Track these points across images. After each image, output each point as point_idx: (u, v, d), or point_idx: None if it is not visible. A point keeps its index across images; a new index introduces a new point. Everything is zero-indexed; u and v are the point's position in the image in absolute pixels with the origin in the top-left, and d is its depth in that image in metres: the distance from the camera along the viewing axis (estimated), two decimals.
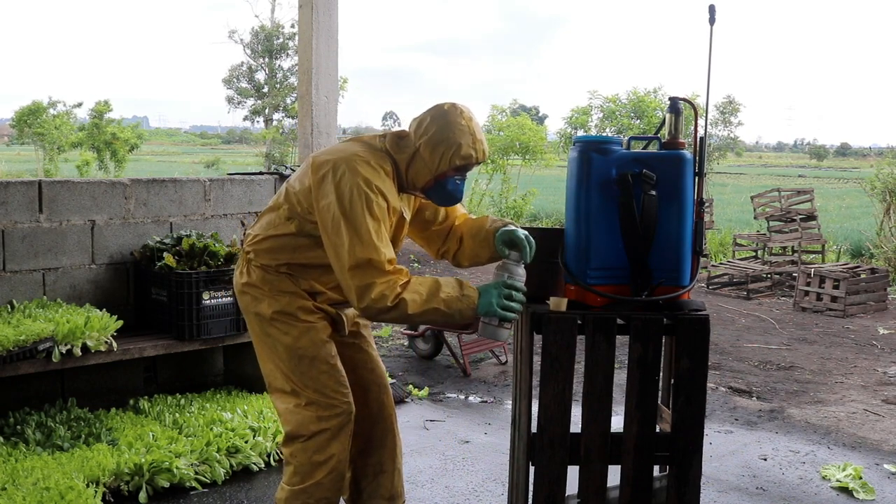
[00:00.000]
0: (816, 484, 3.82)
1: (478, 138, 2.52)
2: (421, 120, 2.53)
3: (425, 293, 2.39)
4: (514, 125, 16.41)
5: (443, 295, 2.40)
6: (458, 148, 2.48)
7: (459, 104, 2.54)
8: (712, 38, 2.51)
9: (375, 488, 2.87)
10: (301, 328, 2.59)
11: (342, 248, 2.39)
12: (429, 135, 2.49)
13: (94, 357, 3.71)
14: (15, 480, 3.19)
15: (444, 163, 2.49)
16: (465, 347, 5.60)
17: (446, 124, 2.48)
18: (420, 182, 2.56)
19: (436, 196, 2.60)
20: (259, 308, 2.61)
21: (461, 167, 2.53)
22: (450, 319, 2.42)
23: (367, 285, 2.37)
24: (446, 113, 2.50)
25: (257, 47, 34.25)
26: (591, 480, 2.43)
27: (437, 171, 2.51)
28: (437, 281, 2.44)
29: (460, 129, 2.48)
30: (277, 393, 2.66)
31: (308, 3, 4.55)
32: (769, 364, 6.11)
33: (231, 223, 4.66)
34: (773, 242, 9.89)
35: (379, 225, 2.42)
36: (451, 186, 2.57)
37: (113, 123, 30.03)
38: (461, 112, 2.51)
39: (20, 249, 3.95)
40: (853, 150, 79.27)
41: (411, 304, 2.37)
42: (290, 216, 2.58)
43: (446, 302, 2.40)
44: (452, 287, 2.42)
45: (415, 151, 2.52)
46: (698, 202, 2.45)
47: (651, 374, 2.40)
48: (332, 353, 2.64)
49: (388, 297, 2.36)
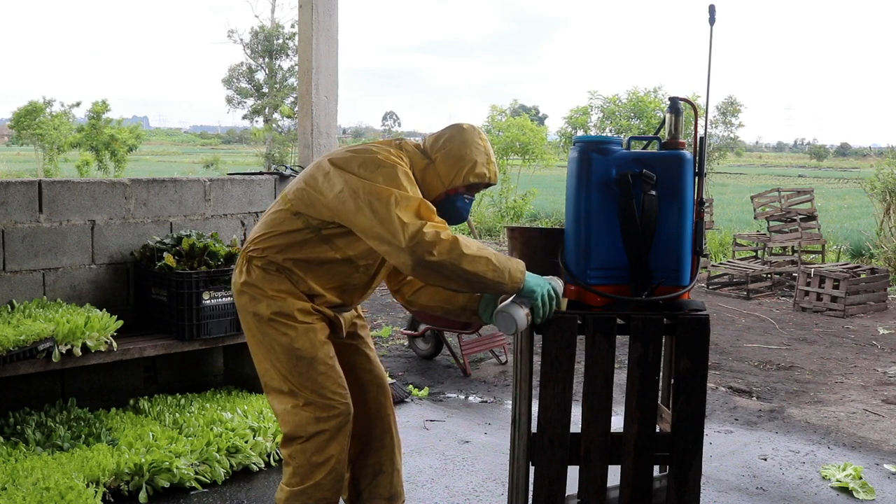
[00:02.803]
0: (816, 484, 3.82)
1: (492, 160, 2.63)
2: (440, 135, 2.62)
3: (476, 245, 2.36)
4: (514, 125, 16.43)
5: (493, 252, 2.38)
6: (474, 165, 2.57)
7: (479, 128, 2.65)
8: (712, 38, 2.51)
9: (375, 488, 2.87)
10: (299, 329, 2.58)
11: (386, 199, 2.36)
12: (447, 149, 2.57)
13: (94, 357, 3.71)
14: (15, 480, 3.19)
15: (458, 178, 2.57)
16: (465, 347, 5.60)
17: (465, 142, 2.58)
18: (431, 195, 2.58)
19: (444, 212, 2.60)
20: (257, 308, 2.61)
21: (473, 185, 2.61)
22: (498, 276, 2.34)
23: (420, 224, 2.32)
24: (465, 131, 2.61)
25: (257, 47, 34.27)
26: (591, 480, 2.43)
27: (450, 186, 2.58)
28: (482, 245, 2.42)
29: (477, 148, 2.59)
30: (274, 393, 2.65)
31: (308, 3, 4.56)
32: (769, 364, 6.11)
33: (231, 223, 4.66)
34: (773, 242, 9.89)
35: (415, 188, 2.45)
36: (461, 204, 2.64)
37: (111, 124, 30.01)
38: (479, 133, 2.63)
39: (20, 249, 3.95)
40: (853, 150, 79.27)
41: (465, 246, 2.32)
42: (297, 212, 2.57)
43: (497, 258, 2.36)
44: (499, 254, 2.39)
45: (430, 163, 2.59)
46: (698, 202, 2.45)
47: (651, 374, 2.40)
48: (330, 354, 2.64)
49: (441, 234, 2.32)
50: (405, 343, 6.26)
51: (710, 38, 2.52)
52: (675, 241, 2.40)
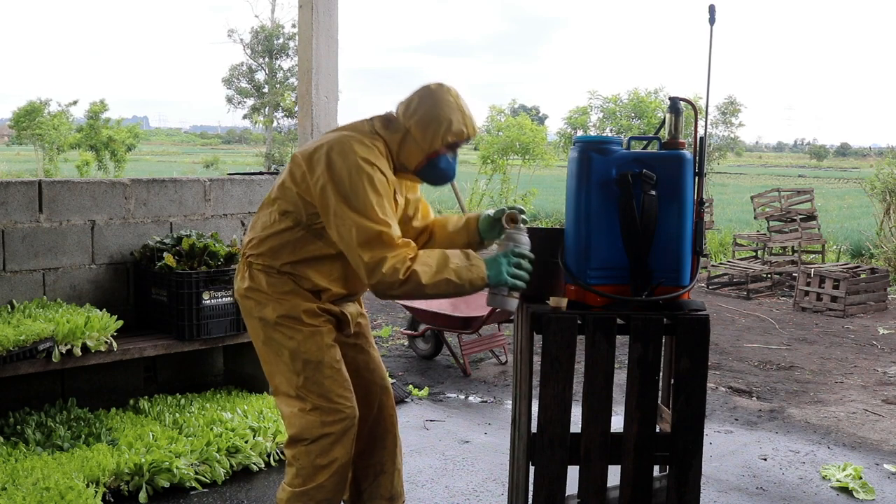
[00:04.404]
0: (816, 484, 3.82)
1: (467, 114, 2.55)
2: (409, 101, 2.55)
3: (435, 265, 2.41)
4: (513, 125, 16.42)
5: (452, 265, 2.42)
6: (450, 125, 2.50)
7: (446, 83, 2.56)
8: (712, 38, 2.51)
9: (376, 489, 2.87)
10: (306, 332, 2.58)
11: (349, 228, 2.40)
12: (419, 114, 2.51)
13: (94, 357, 3.71)
14: (15, 480, 3.19)
15: (436, 140, 2.51)
16: (465, 347, 5.60)
17: (435, 103, 2.51)
18: (412, 163, 2.56)
19: (429, 175, 2.60)
20: (263, 312, 2.60)
21: (453, 144, 2.55)
22: (460, 290, 2.44)
23: (378, 260, 2.37)
24: (434, 92, 2.53)
25: (257, 47, 34.29)
26: (591, 480, 2.43)
27: (430, 150, 2.53)
28: (444, 252, 2.46)
29: (450, 107, 2.51)
30: (282, 396, 2.65)
31: (308, 3, 4.55)
32: (769, 364, 6.11)
33: (231, 223, 4.66)
34: (773, 242, 9.89)
35: (382, 199, 2.43)
36: (444, 164, 2.58)
37: (110, 123, 30.00)
38: (448, 90, 2.54)
39: (20, 249, 3.95)
40: (853, 150, 79.24)
41: (423, 275, 2.39)
42: (284, 211, 2.57)
43: (456, 272, 2.42)
44: (460, 258, 2.45)
45: (405, 132, 2.54)
46: (698, 202, 2.45)
47: (651, 374, 2.40)
48: (336, 358, 2.63)
49: (400, 271, 2.37)
50: (405, 343, 6.26)
51: (710, 38, 2.52)
52: (675, 241, 2.40)
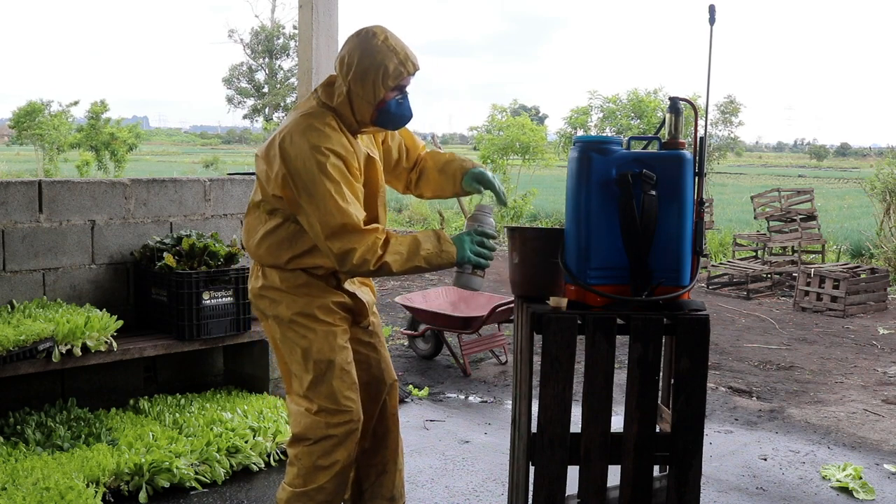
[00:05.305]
0: (816, 484, 3.82)
1: (401, 53, 2.48)
2: (341, 58, 2.51)
3: (406, 252, 2.45)
4: (514, 125, 16.40)
5: (423, 252, 2.47)
6: (386, 70, 2.46)
7: (372, 26, 2.50)
8: (712, 38, 2.51)
9: (377, 488, 2.87)
10: (319, 332, 2.58)
11: (313, 221, 2.42)
12: (353, 69, 2.47)
13: (94, 357, 3.71)
14: (15, 480, 3.19)
15: (378, 89, 2.47)
16: (465, 347, 5.60)
17: (365, 51, 2.46)
18: (366, 116, 2.54)
19: (386, 122, 2.58)
20: (278, 310, 2.60)
21: (396, 87, 2.51)
22: (429, 270, 2.53)
23: (347, 251, 2.40)
24: (361, 40, 2.48)
25: (257, 47, 34.30)
26: (591, 480, 2.43)
27: (377, 100, 2.50)
28: (416, 239, 2.48)
29: (380, 52, 2.46)
30: (292, 395, 2.68)
31: (308, 3, 4.55)
32: (769, 364, 6.11)
33: (231, 223, 4.66)
34: (773, 242, 9.89)
35: (340, 186, 2.41)
36: (395, 109, 2.54)
37: (111, 123, 29.99)
38: (374, 34, 2.47)
39: (20, 249, 3.95)
40: (853, 150, 79.18)
41: (393, 264, 2.44)
42: (271, 210, 2.57)
43: (427, 259, 2.47)
44: (432, 243, 2.49)
45: (347, 91, 2.50)
46: (698, 202, 2.45)
47: (651, 374, 2.40)
48: (347, 360, 2.64)
49: (370, 262, 2.41)
50: (405, 343, 6.26)
51: (710, 38, 2.52)
52: (675, 241, 2.40)
